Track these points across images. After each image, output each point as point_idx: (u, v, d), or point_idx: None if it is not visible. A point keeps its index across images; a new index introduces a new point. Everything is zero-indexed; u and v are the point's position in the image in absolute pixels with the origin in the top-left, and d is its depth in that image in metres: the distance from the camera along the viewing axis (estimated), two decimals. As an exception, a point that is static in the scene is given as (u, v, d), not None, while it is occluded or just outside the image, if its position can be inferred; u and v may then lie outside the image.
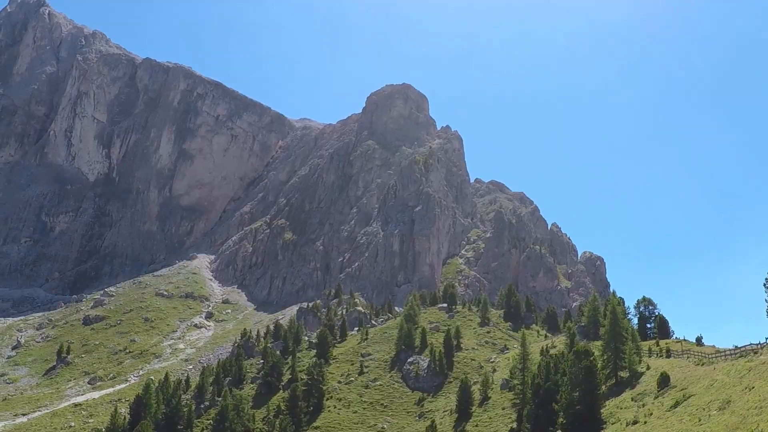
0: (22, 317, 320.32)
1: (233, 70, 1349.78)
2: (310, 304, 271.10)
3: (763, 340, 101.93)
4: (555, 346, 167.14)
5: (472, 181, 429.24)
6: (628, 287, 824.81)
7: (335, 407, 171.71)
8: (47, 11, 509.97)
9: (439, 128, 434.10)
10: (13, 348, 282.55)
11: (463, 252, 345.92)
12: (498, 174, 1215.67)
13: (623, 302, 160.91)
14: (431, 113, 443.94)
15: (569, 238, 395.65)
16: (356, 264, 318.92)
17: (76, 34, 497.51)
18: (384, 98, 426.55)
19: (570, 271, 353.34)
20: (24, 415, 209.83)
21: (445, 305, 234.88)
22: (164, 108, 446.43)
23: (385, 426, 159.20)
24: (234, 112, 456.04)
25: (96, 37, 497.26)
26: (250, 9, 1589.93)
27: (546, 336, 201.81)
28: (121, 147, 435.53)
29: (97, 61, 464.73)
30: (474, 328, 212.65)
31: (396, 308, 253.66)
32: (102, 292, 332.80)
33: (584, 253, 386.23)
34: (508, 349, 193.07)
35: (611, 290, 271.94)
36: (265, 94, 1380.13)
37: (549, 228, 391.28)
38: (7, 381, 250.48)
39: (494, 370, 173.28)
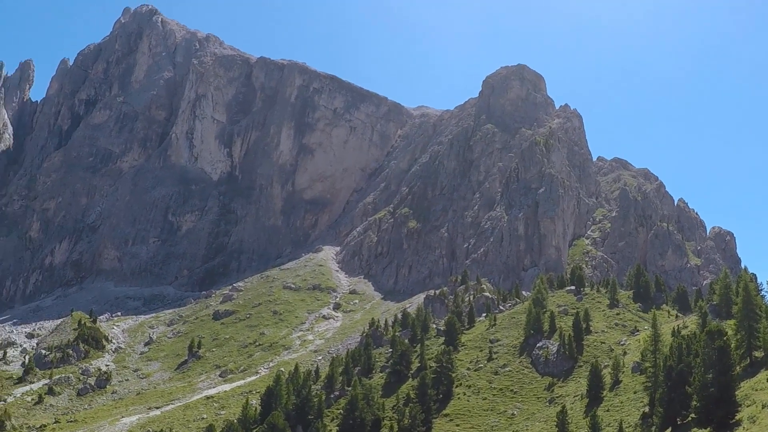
0: (153, 314, 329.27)
1: (346, 63, 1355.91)
2: (437, 292, 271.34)
3: None
4: (686, 327, 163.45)
5: (594, 159, 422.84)
6: (761, 262, 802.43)
7: (465, 394, 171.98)
8: (160, 19, 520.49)
9: (557, 107, 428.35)
10: (146, 344, 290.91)
11: (589, 232, 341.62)
12: (620, 150, 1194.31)
13: (756, 278, 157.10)
14: (549, 92, 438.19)
15: (697, 214, 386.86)
16: (482, 249, 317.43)
17: (189, 38, 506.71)
18: (500, 80, 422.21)
19: (699, 247, 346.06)
20: (157, 408, 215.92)
21: (572, 288, 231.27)
22: (282, 105, 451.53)
23: (516, 412, 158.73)
24: (351, 104, 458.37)
25: (209, 40, 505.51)
26: (356, 1, 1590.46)
27: (677, 316, 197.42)
28: (241, 145, 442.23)
29: (212, 63, 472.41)
30: (603, 311, 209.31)
31: (523, 292, 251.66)
32: (230, 287, 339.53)
33: (713, 228, 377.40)
34: (638, 330, 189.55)
35: (743, 266, 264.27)
36: (381, 84, 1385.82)
37: (676, 204, 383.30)
38: (141, 376, 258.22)
39: (625, 353, 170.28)
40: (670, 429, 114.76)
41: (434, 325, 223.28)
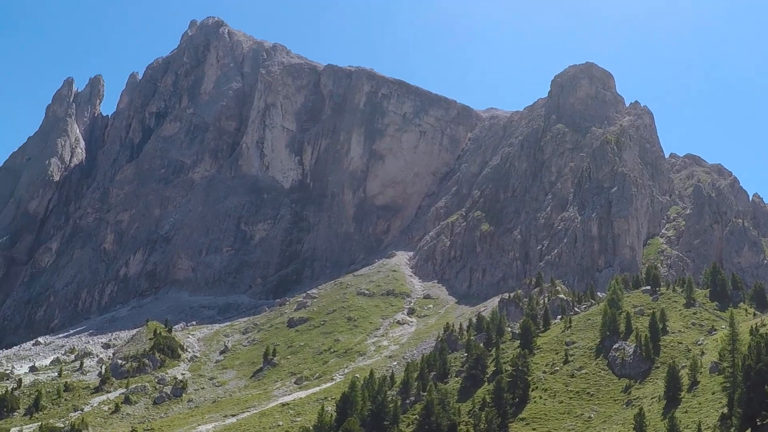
0: (228, 323, 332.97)
1: (413, 67, 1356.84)
2: (511, 295, 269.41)
3: None
4: (765, 325, 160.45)
5: (666, 156, 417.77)
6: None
7: (541, 398, 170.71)
8: (226, 30, 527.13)
9: (627, 105, 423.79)
10: (221, 353, 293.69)
11: (663, 231, 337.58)
12: (693, 146, 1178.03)
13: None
14: (618, 90, 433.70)
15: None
16: (555, 251, 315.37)
17: (257, 49, 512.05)
18: (568, 79, 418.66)
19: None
20: (233, 415, 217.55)
21: (648, 288, 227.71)
22: (351, 111, 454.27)
23: (592, 415, 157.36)
24: (420, 108, 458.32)
25: (276, 49, 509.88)
26: (422, 6, 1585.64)
27: (755, 314, 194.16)
28: (312, 153, 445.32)
29: (280, 72, 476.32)
30: (679, 310, 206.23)
31: (598, 294, 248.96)
32: (304, 294, 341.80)
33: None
34: (715, 330, 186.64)
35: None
36: (448, 87, 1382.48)
37: (750, 199, 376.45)
38: (216, 384, 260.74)
39: (702, 353, 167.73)
40: (749, 430, 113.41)
41: (509, 329, 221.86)
